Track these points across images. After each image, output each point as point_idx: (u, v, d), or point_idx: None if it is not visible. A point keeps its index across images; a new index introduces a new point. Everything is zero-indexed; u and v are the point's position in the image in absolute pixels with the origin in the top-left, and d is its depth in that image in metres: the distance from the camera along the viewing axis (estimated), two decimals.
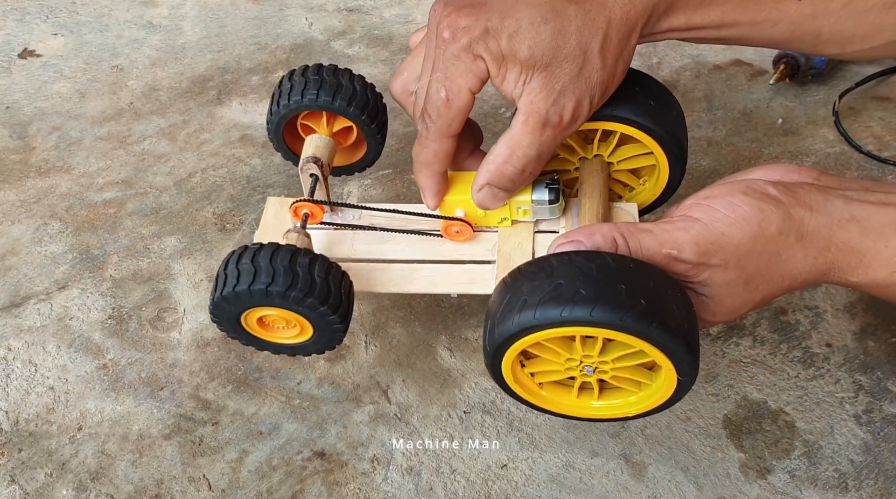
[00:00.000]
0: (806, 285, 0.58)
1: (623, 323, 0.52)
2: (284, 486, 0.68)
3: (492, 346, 0.57)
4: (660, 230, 0.56)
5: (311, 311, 0.60)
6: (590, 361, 0.58)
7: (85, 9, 1.17)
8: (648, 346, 0.54)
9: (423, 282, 0.66)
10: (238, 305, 0.61)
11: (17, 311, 0.80)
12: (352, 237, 0.69)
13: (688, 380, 0.57)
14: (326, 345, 0.64)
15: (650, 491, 0.66)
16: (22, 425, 0.72)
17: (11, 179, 0.93)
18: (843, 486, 0.66)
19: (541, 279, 0.54)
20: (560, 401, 0.63)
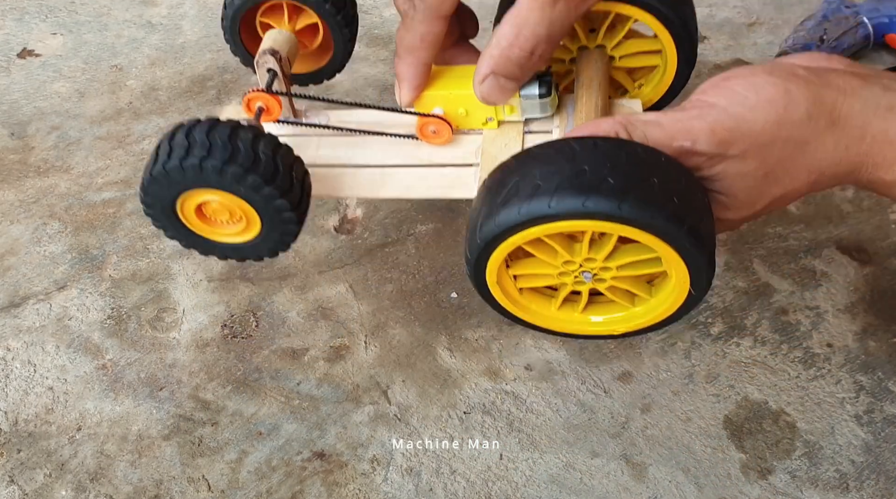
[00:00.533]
0: (833, 182, 0.51)
1: (653, 221, 0.46)
2: (284, 486, 0.67)
3: (485, 238, 0.50)
4: (670, 120, 0.50)
5: (255, 192, 0.53)
6: (591, 266, 0.52)
7: (84, 8, 1.17)
8: (671, 251, 0.48)
9: (395, 186, 0.61)
10: (171, 188, 0.54)
11: (16, 311, 0.80)
12: (317, 142, 0.64)
13: (699, 295, 0.52)
14: (278, 242, 0.58)
15: (651, 492, 0.66)
16: (21, 425, 0.72)
17: (10, 178, 0.93)
18: (844, 486, 0.66)
19: (559, 163, 0.48)
20: (541, 311, 0.57)
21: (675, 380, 0.73)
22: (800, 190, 0.51)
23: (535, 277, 0.55)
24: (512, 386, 0.73)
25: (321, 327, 0.78)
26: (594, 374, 0.73)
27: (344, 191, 0.61)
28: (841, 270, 0.80)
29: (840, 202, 0.86)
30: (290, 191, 0.54)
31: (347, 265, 0.82)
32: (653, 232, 0.47)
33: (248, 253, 0.59)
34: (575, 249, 0.52)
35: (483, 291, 0.55)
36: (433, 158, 0.61)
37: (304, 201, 0.56)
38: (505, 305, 0.57)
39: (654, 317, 0.55)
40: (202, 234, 0.58)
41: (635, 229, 0.47)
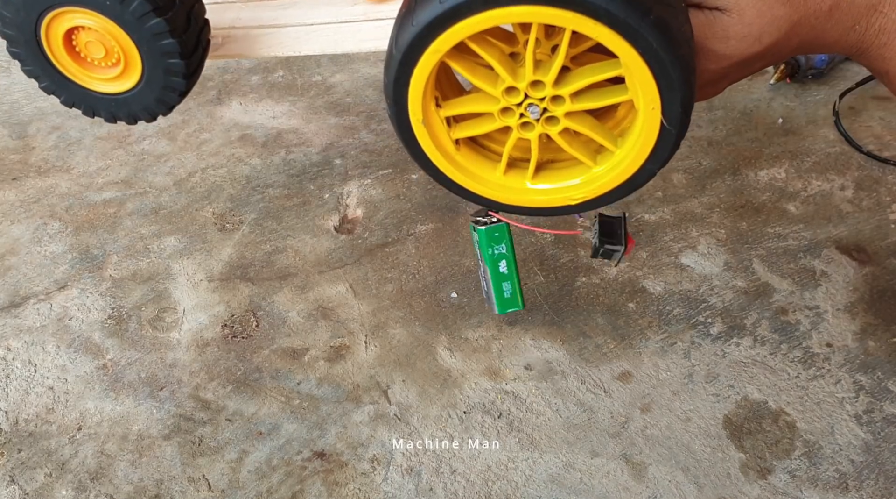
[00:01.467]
0: (847, 21, 0.43)
1: (610, 5, 0.37)
2: (284, 486, 0.67)
3: (402, 47, 0.40)
4: None
5: (123, 6, 0.45)
6: (541, 95, 0.42)
7: None
8: (634, 54, 0.38)
9: (321, 42, 0.55)
10: (28, 5, 0.46)
11: (16, 311, 0.80)
12: (239, 7, 0.59)
13: (673, 130, 0.42)
14: (164, 90, 0.50)
15: (650, 491, 0.66)
16: (21, 425, 0.72)
17: (11, 178, 0.93)
18: (844, 486, 0.66)
19: None
20: (482, 175, 0.47)
21: (674, 380, 0.73)
22: (811, 21, 0.42)
23: (474, 123, 0.45)
24: (512, 386, 0.73)
25: (321, 327, 0.78)
26: (594, 374, 0.74)
27: (262, 50, 0.55)
28: (840, 270, 0.80)
29: (839, 202, 0.86)
30: (171, 10, 0.46)
31: (347, 265, 0.83)
32: (609, 21, 0.37)
33: (135, 107, 0.51)
34: (518, 72, 0.42)
35: (407, 138, 0.44)
36: (368, 14, 0.55)
37: (192, 32, 0.48)
38: (435, 161, 0.45)
39: (619, 173, 0.44)
40: (77, 79, 0.51)
41: (587, 18, 0.37)
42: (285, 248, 0.84)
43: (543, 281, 0.80)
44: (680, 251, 0.82)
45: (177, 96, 0.50)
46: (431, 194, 0.89)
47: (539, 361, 0.74)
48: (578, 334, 0.76)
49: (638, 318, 0.77)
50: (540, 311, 0.78)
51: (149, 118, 0.53)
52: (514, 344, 0.76)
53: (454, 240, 0.84)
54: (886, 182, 0.88)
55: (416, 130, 0.44)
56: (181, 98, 0.50)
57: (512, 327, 0.77)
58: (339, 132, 0.96)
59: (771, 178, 0.89)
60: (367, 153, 0.94)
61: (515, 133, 0.44)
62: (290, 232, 0.86)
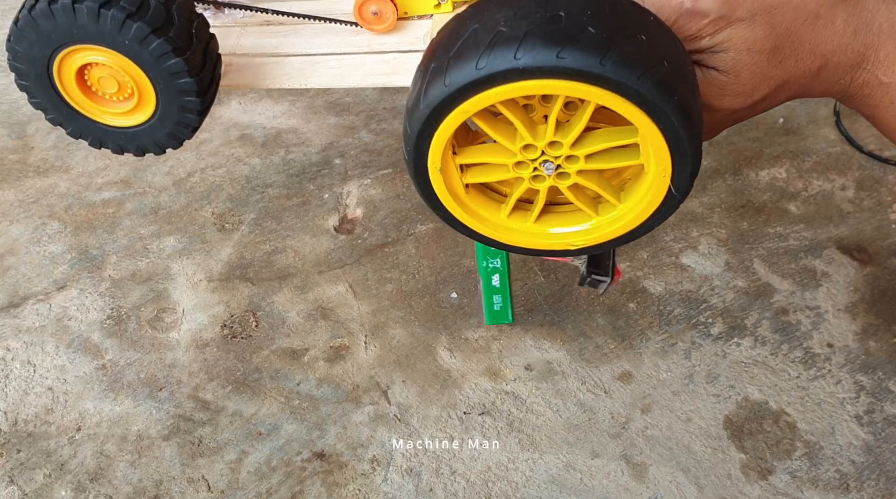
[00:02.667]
0: (834, 77, 0.46)
1: (640, 87, 0.38)
2: (284, 487, 0.67)
3: (431, 103, 0.41)
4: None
5: (142, 46, 0.45)
6: (556, 153, 0.43)
7: None
8: (654, 130, 0.40)
9: (326, 75, 0.54)
10: (42, 42, 0.46)
11: (15, 311, 0.80)
12: (238, 32, 0.57)
13: (679, 196, 0.44)
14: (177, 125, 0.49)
15: (651, 492, 0.66)
16: (21, 425, 0.72)
17: (10, 178, 0.93)
18: (845, 487, 0.66)
19: (528, 7, 0.39)
20: (487, 217, 0.48)
21: (675, 380, 0.73)
22: (799, 79, 0.46)
23: (487, 170, 0.46)
24: (512, 386, 0.73)
25: (321, 327, 0.77)
26: (594, 374, 0.73)
27: (267, 81, 0.54)
28: (841, 270, 0.80)
29: (840, 202, 0.86)
30: (189, 50, 0.46)
31: (347, 265, 0.82)
32: (637, 101, 0.39)
33: (145, 140, 0.50)
34: (538, 131, 0.43)
35: (422, 182, 0.45)
36: (372, 46, 0.54)
37: (207, 69, 0.47)
38: (445, 203, 0.47)
39: (620, 227, 0.46)
40: (88, 113, 0.50)
41: (617, 96, 0.39)
42: (285, 248, 0.84)
43: (544, 281, 0.80)
44: (680, 251, 0.82)
45: (189, 132, 0.50)
46: None
47: (539, 361, 0.74)
48: (579, 335, 0.76)
49: (638, 318, 0.77)
50: (540, 311, 0.78)
51: (158, 151, 0.52)
52: (514, 344, 0.75)
53: (454, 240, 0.84)
54: (887, 182, 0.88)
55: (433, 176, 0.45)
56: (193, 133, 0.50)
57: (512, 328, 0.77)
58: (338, 132, 0.96)
59: (772, 178, 0.89)
60: (367, 153, 0.93)
61: (526, 184, 0.45)
62: (290, 232, 0.86)
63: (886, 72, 0.46)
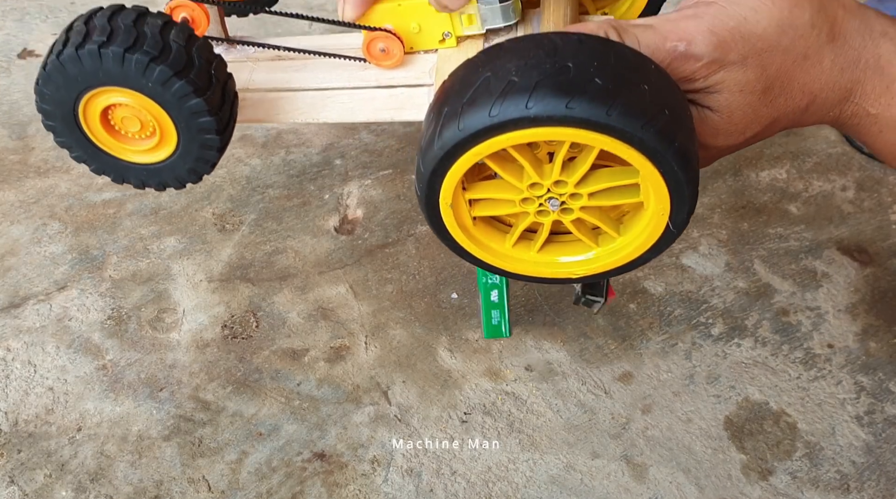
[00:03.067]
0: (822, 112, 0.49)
1: (644, 135, 0.41)
2: (284, 487, 0.67)
3: (445, 145, 0.43)
4: (663, 21, 0.46)
5: (164, 87, 0.47)
6: (561, 191, 0.46)
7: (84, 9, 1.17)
8: (655, 174, 0.43)
9: (337, 110, 0.55)
10: (69, 86, 0.48)
11: (16, 311, 0.80)
12: (251, 67, 0.58)
13: (676, 232, 0.47)
14: (198, 161, 0.51)
15: (651, 492, 0.66)
16: (21, 425, 0.72)
17: (11, 179, 0.93)
18: (845, 487, 0.66)
19: (539, 58, 0.42)
20: (492, 246, 0.51)
21: (675, 381, 0.73)
22: (789, 115, 0.48)
23: (494, 204, 0.49)
24: (512, 387, 0.73)
25: (321, 328, 0.77)
26: (595, 374, 0.73)
27: (280, 116, 0.56)
28: (842, 271, 0.80)
29: (841, 203, 0.86)
30: (209, 90, 0.47)
31: (347, 266, 0.82)
32: (641, 148, 0.42)
33: (166, 176, 0.52)
34: (545, 170, 0.46)
35: (432, 216, 0.48)
36: (381, 80, 0.55)
37: (226, 108, 0.49)
38: (454, 235, 0.50)
39: (620, 258, 0.49)
40: (111, 151, 0.52)
41: (621, 143, 0.42)
42: (285, 248, 0.84)
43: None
44: (681, 252, 0.82)
45: (209, 167, 0.52)
46: None
47: (540, 361, 0.74)
48: (579, 335, 0.76)
49: (639, 319, 0.77)
50: (540, 311, 0.78)
51: (178, 186, 0.54)
52: (514, 345, 0.76)
53: None
54: (888, 183, 0.88)
55: (444, 211, 0.48)
56: (212, 169, 0.52)
57: (512, 328, 0.77)
58: (338, 132, 0.96)
59: (772, 178, 0.89)
60: (368, 153, 0.93)
61: (531, 218, 0.48)
62: (290, 233, 0.86)
63: (873, 104, 0.48)
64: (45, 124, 0.50)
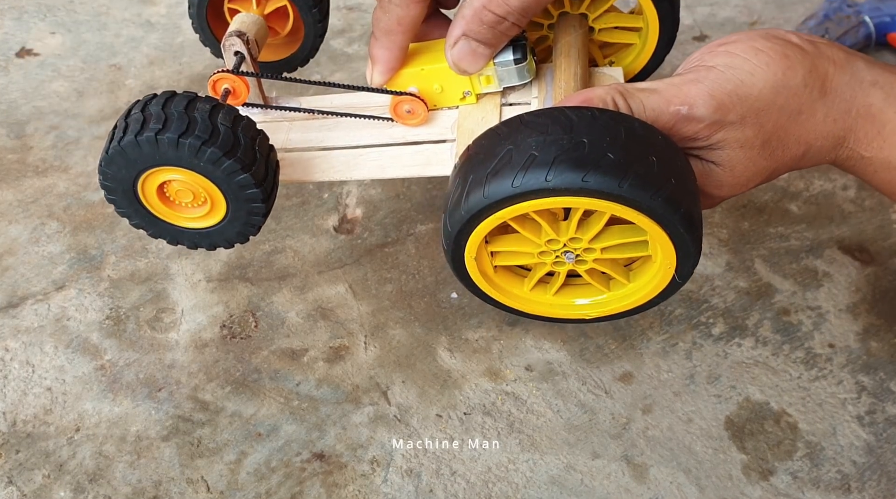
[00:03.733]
0: (817, 158, 0.52)
1: (652, 203, 0.45)
2: (283, 488, 0.67)
3: (471, 210, 0.48)
4: (666, 86, 0.49)
5: (214, 166, 0.52)
6: (576, 246, 0.51)
7: (83, 7, 1.17)
8: (662, 235, 0.48)
9: (369, 167, 0.60)
10: (129, 167, 0.53)
11: (14, 311, 0.80)
12: (287, 127, 0.63)
13: (682, 282, 0.52)
14: (245, 225, 0.57)
15: (652, 493, 0.66)
16: (19, 425, 0.71)
17: (9, 178, 0.93)
18: (846, 488, 0.66)
19: (556, 134, 0.46)
20: (512, 291, 0.56)
21: (676, 381, 0.73)
22: (787, 164, 0.52)
23: (514, 255, 0.53)
24: (512, 387, 0.73)
25: (320, 328, 0.77)
26: (595, 374, 0.73)
27: (316, 175, 0.60)
28: (843, 271, 0.80)
29: (842, 202, 0.86)
30: (254, 165, 0.52)
31: (347, 265, 0.82)
32: (650, 214, 0.46)
33: (217, 238, 0.58)
34: (561, 227, 0.50)
35: (458, 267, 0.54)
36: (407, 137, 0.60)
37: (269, 178, 0.55)
38: (477, 282, 0.55)
39: (630, 303, 0.54)
40: (166, 219, 0.57)
41: (631, 210, 0.46)
42: (284, 248, 0.84)
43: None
44: None
45: (255, 230, 0.58)
46: (431, 194, 0.88)
47: (540, 361, 0.74)
48: (579, 335, 0.76)
49: (639, 318, 0.77)
50: None
51: (228, 246, 0.59)
52: (514, 345, 0.75)
53: None
54: None
55: (468, 263, 0.53)
56: (258, 231, 0.58)
57: (512, 328, 0.76)
58: None
59: None
60: None
61: (548, 267, 0.53)
62: (289, 232, 0.85)
63: (866, 148, 0.52)
64: (107, 198, 0.56)
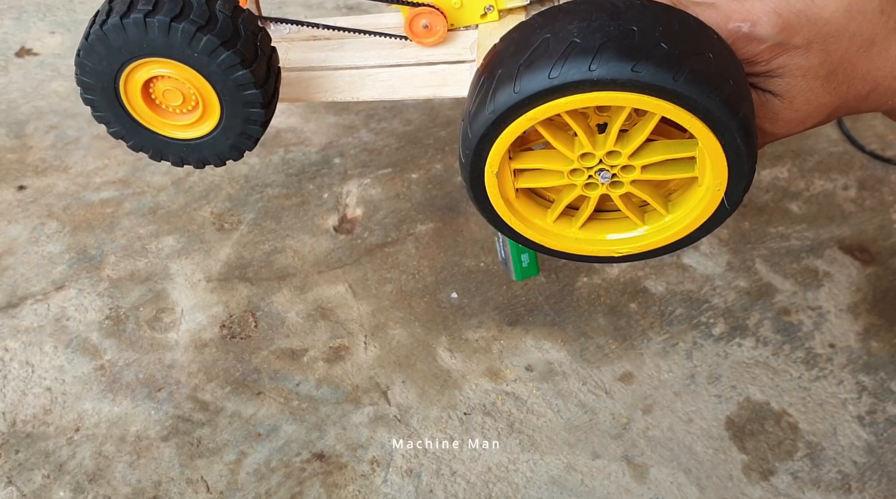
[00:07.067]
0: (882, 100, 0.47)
1: (710, 103, 0.40)
2: (283, 488, 0.67)
3: (499, 109, 0.41)
4: (726, 1, 0.44)
5: (210, 58, 0.46)
6: (613, 162, 0.44)
7: (82, 7, 1.16)
8: (716, 145, 0.42)
9: (377, 87, 0.55)
10: (111, 57, 0.47)
11: (13, 311, 0.80)
12: (286, 46, 0.57)
13: (731, 209, 0.45)
14: (240, 135, 0.50)
15: (652, 493, 0.66)
16: (19, 425, 0.71)
17: (8, 178, 0.93)
18: (847, 488, 0.66)
19: (601, 20, 0.40)
20: (533, 220, 0.49)
21: (676, 381, 0.72)
22: (849, 103, 0.46)
23: (541, 175, 0.46)
24: (512, 387, 0.72)
25: (320, 328, 0.77)
26: (595, 375, 0.73)
27: (318, 94, 0.55)
28: (843, 271, 0.80)
29: (842, 202, 0.86)
30: (255, 62, 0.47)
31: (347, 265, 0.82)
32: (705, 117, 0.40)
33: (207, 152, 0.52)
34: (598, 140, 0.44)
35: (475, 185, 0.46)
36: (420, 58, 0.55)
37: (270, 81, 0.49)
38: (496, 206, 0.47)
39: (667, 237, 0.47)
40: (151, 126, 0.51)
41: (685, 111, 0.40)
42: (284, 248, 0.84)
43: (545, 281, 0.80)
44: (682, 251, 0.82)
45: (252, 143, 0.51)
46: (431, 194, 0.88)
47: (540, 361, 0.74)
48: (580, 335, 0.76)
49: (640, 318, 0.77)
50: (541, 311, 0.78)
51: (218, 163, 0.53)
52: (514, 345, 0.75)
53: (454, 240, 0.83)
54: (889, 182, 0.88)
55: (488, 180, 0.45)
56: (255, 145, 0.51)
57: (513, 328, 0.76)
58: (338, 131, 0.96)
59: (773, 177, 0.89)
60: (367, 152, 0.93)
61: (578, 191, 0.46)
62: (289, 232, 0.85)
63: None
64: (83, 98, 0.49)
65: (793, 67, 0.44)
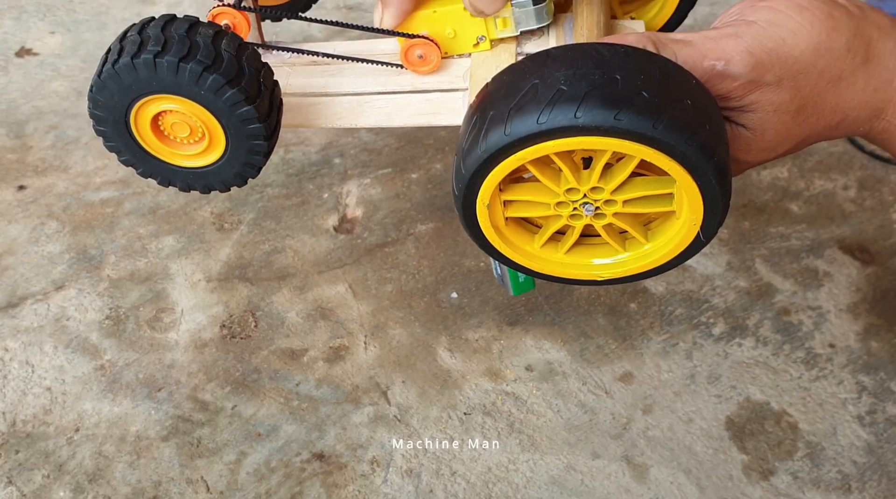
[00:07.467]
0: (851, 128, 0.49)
1: (686, 149, 0.42)
2: (283, 488, 0.67)
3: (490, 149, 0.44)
4: (702, 39, 0.46)
5: (216, 95, 0.48)
6: (597, 197, 0.47)
7: (82, 7, 1.16)
8: (692, 185, 0.44)
9: (375, 114, 0.56)
10: (122, 94, 0.49)
11: (13, 311, 0.80)
12: (287, 72, 0.59)
13: (705, 241, 0.48)
14: (245, 164, 0.52)
15: (652, 493, 0.66)
16: (19, 426, 0.71)
17: (8, 178, 0.93)
18: (847, 488, 0.66)
19: (587, 68, 0.42)
20: (522, 246, 0.52)
21: (676, 381, 0.73)
22: (820, 133, 0.49)
23: (529, 206, 0.50)
24: (512, 387, 0.73)
25: (320, 328, 0.77)
26: (595, 374, 0.73)
27: (319, 120, 0.57)
28: (843, 270, 0.80)
29: (842, 202, 0.86)
30: (258, 98, 0.49)
31: (347, 265, 0.82)
32: (682, 161, 0.43)
33: (213, 179, 0.54)
34: (582, 176, 0.47)
35: (468, 215, 0.49)
36: (416, 85, 0.56)
37: (273, 114, 0.51)
38: (487, 234, 0.50)
39: (647, 263, 0.50)
40: (159, 155, 0.53)
41: (663, 155, 0.43)
42: (284, 248, 0.84)
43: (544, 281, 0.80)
44: None
45: (255, 171, 0.54)
46: (431, 194, 0.88)
47: (540, 361, 0.74)
48: (579, 335, 0.76)
49: (640, 318, 0.77)
50: (541, 311, 0.78)
51: (223, 189, 0.55)
52: (514, 345, 0.75)
53: (454, 240, 0.83)
54: (889, 182, 0.88)
55: (479, 211, 0.49)
56: (258, 173, 0.54)
57: (513, 328, 0.76)
58: (337, 131, 0.96)
59: (773, 177, 0.89)
60: (367, 152, 0.93)
61: (563, 221, 0.49)
62: (289, 232, 0.85)
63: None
64: (95, 129, 0.52)
65: (765, 103, 0.47)
